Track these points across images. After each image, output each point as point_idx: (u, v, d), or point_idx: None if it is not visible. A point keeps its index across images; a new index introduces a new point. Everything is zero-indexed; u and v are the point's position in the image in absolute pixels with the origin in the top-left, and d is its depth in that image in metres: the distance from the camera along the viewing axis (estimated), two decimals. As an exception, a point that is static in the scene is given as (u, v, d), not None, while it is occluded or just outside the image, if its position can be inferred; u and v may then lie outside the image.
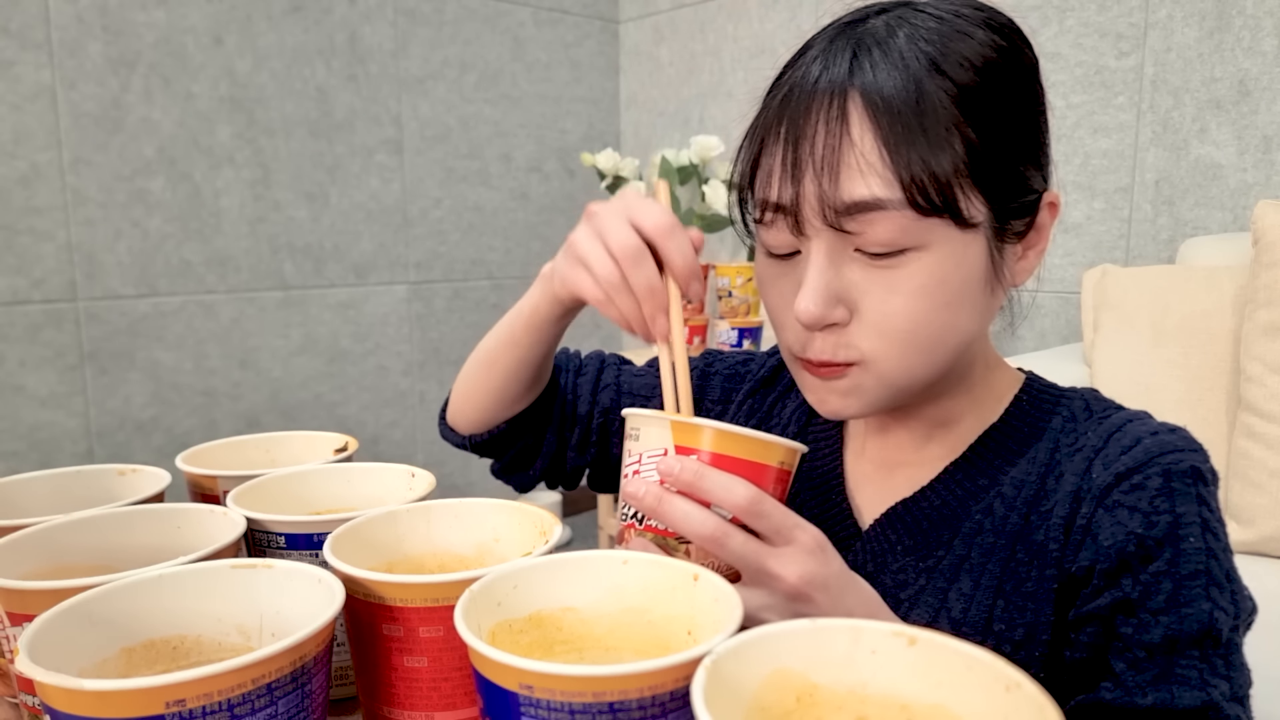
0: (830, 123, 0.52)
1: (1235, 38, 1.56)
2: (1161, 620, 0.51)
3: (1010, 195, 0.54)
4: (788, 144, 0.54)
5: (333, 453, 0.74)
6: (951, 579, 0.58)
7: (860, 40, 0.54)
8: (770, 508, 0.48)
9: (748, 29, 2.34)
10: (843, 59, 0.53)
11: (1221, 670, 0.51)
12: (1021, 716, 0.33)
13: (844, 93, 0.52)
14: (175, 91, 1.87)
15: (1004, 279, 0.57)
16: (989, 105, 0.52)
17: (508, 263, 2.47)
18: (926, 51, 0.52)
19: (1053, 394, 0.62)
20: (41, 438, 1.78)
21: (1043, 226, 0.58)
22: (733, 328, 1.93)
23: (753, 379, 0.77)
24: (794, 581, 0.47)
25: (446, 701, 0.47)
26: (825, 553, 0.50)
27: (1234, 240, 1.47)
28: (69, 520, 0.55)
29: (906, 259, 0.53)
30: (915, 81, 0.51)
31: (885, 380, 0.56)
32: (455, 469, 2.42)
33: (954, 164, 0.51)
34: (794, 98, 0.54)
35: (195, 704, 0.36)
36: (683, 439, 0.50)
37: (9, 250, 1.71)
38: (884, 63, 0.52)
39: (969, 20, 0.54)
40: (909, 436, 0.64)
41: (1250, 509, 1.25)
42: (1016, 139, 0.54)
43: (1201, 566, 0.52)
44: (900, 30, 0.53)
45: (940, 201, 0.51)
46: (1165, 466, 0.54)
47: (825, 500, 0.67)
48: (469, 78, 2.34)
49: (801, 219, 0.54)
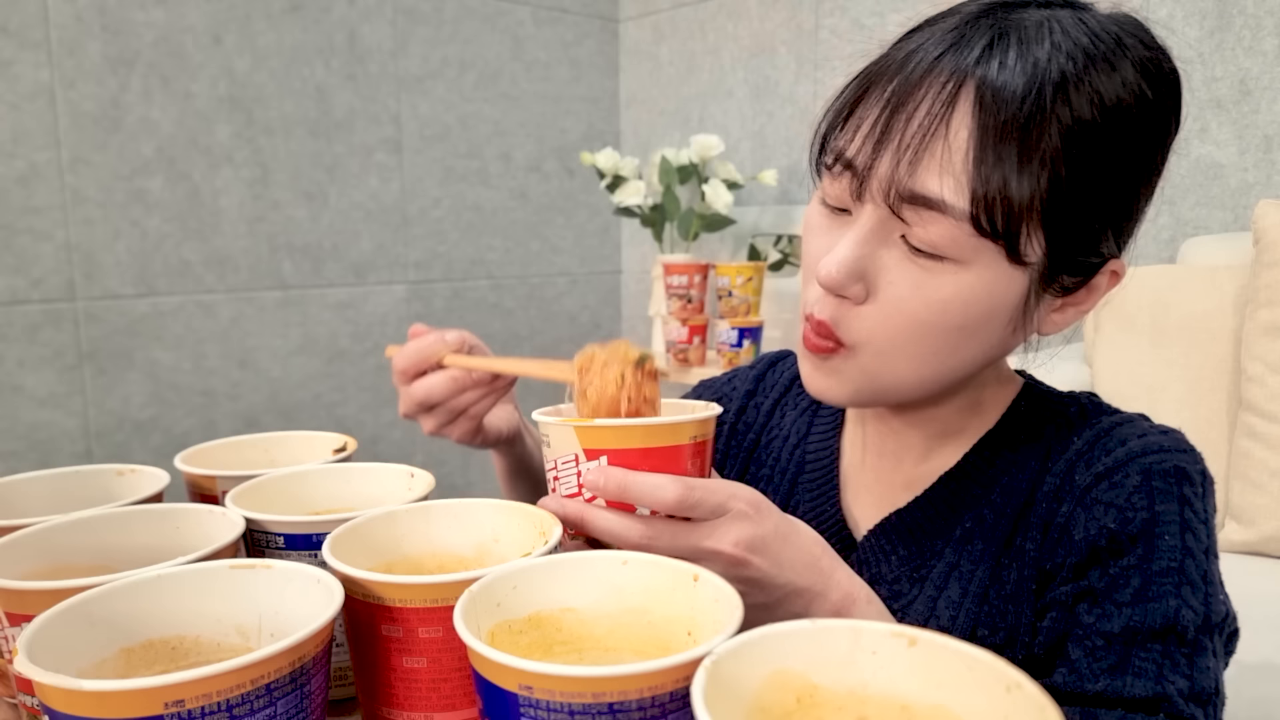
0: (936, 103, 0.49)
1: (1236, 37, 1.56)
2: (1125, 611, 0.50)
3: (1074, 249, 0.52)
4: (886, 106, 0.51)
5: (332, 453, 0.74)
6: (941, 587, 0.58)
7: (1004, 29, 0.50)
8: (700, 495, 0.47)
9: (748, 28, 2.34)
10: (978, 43, 0.50)
11: (1183, 668, 0.49)
12: (1022, 717, 0.33)
13: (962, 79, 0.49)
14: (174, 91, 1.87)
15: (1031, 323, 0.55)
16: (1095, 149, 0.49)
17: (507, 262, 2.47)
18: (1064, 68, 0.48)
19: (1050, 400, 0.62)
20: (40, 438, 1.78)
21: (1095, 290, 0.56)
22: (733, 327, 1.93)
23: (739, 394, 0.77)
24: (729, 550, 0.47)
25: (446, 702, 0.47)
26: (760, 512, 0.49)
27: (1235, 240, 1.47)
28: (68, 520, 0.55)
29: (944, 267, 0.51)
30: (1038, 92, 0.48)
31: (868, 373, 0.55)
32: (454, 469, 2.42)
33: (1032, 194, 0.49)
34: (914, 60, 0.51)
35: (194, 704, 0.36)
36: (589, 441, 0.50)
37: (7, 250, 1.71)
38: (1018, 62, 0.49)
39: (1126, 53, 0.50)
40: (908, 448, 0.63)
41: (1250, 509, 1.25)
42: (1105, 194, 0.51)
43: (1174, 564, 0.50)
44: (1050, 35, 0.49)
45: (1003, 229, 0.49)
46: (1146, 465, 0.53)
47: (820, 510, 0.66)
48: (468, 77, 2.33)
49: (866, 187, 0.52)
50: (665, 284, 2.05)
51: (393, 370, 0.63)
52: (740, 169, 2.15)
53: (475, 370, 0.62)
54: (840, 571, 0.51)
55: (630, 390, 0.51)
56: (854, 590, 0.51)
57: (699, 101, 2.48)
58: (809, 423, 0.71)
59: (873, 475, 0.66)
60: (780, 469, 0.70)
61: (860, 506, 0.65)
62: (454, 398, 0.62)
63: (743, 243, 2.29)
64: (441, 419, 0.64)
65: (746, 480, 0.73)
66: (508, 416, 0.70)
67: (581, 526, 0.49)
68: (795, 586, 0.49)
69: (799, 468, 0.70)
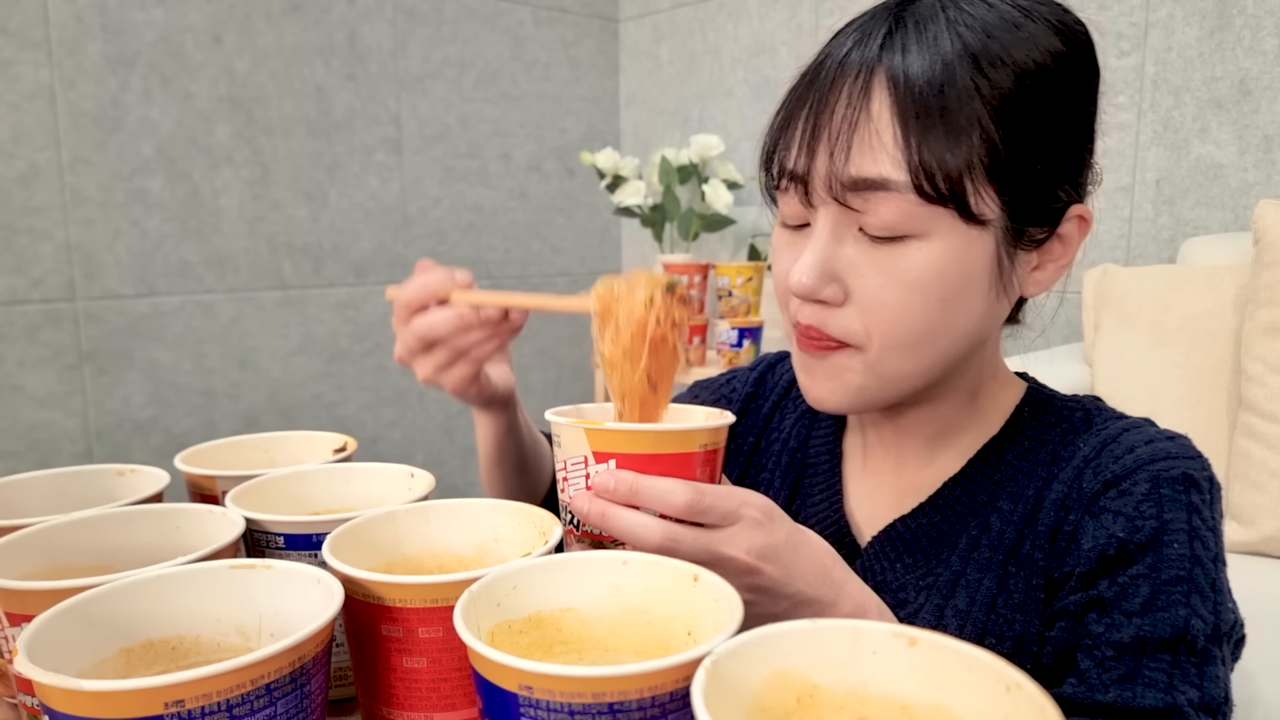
0: (853, 95, 0.52)
1: (1236, 37, 1.56)
2: (1134, 621, 0.50)
3: (1031, 199, 0.53)
4: (810, 115, 0.54)
5: (332, 453, 0.74)
6: (948, 595, 0.57)
7: (900, 18, 0.53)
8: (711, 500, 0.47)
9: (748, 28, 2.34)
10: (878, 35, 0.52)
11: (1193, 678, 0.49)
12: (1022, 717, 0.33)
13: (871, 70, 0.52)
14: (174, 91, 1.87)
15: (1011, 285, 0.55)
16: (1023, 108, 0.51)
17: (507, 262, 2.47)
18: (965, 39, 0.51)
19: (1054, 405, 0.61)
20: (40, 438, 1.78)
21: (1068, 239, 0.56)
22: (733, 327, 1.93)
23: (739, 397, 0.76)
24: (743, 557, 0.47)
25: (446, 702, 0.47)
26: (773, 520, 0.49)
27: (1235, 240, 1.47)
28: (68, 520, 0.55)
29: (907, 246, 0.52)
30: (945, 68, 0.50)
31: (872, 369, 0.55)
32: (454, 469, 2.42)
33: (969, 158, 0.50)
34: (825, 69, 0.54)
35: (194, 704, 0.36)
36: (598, 444, 0.49)
37: (7, 250, 1.71)
38: (916, 45, 0.51)
39: (1031, 16, 0.53)
40: (910, 450, 0.63)
41: (1250, 509, 1.25)
42: (1049, 146, 0.52)
43: (1184, 573, 0.50)
44: (944, 14, 0.52)
45: (947, 191, 0.50)
46: (1155, 473, 0.53)
47: (824, 516, 0.66)
48: (468, 77, 2.33)
49: (811, 189, 0.54)
50: (665, 284, 2.05)
51: (395, 307, 0.60)
52: (740, 169, 2.15)
53: (484, 306, 0.58)
54: (851, 583, 0.51)
55: (660, 312, 0.50)
56: (865, 602, 0.51)
57: (699, 101, 2.48)
58: (809, 426, 0.71)
59: (875, 479, 0.65)
60: (781, 473, 0.70)
61: (863, 511, 0.65)
62: (458, 336, 0.58)
63: (743, 243, 2.29)
64: (441, 359, 0.59)
65: (747, 484, 0.73)
66: (505, 375, 0.67)
67: (604, 525, 0.48)
68: (805, 596, 0.49)
69: (800, 471, 0.69)
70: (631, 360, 0.51)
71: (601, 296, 0.52)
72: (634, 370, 0.51)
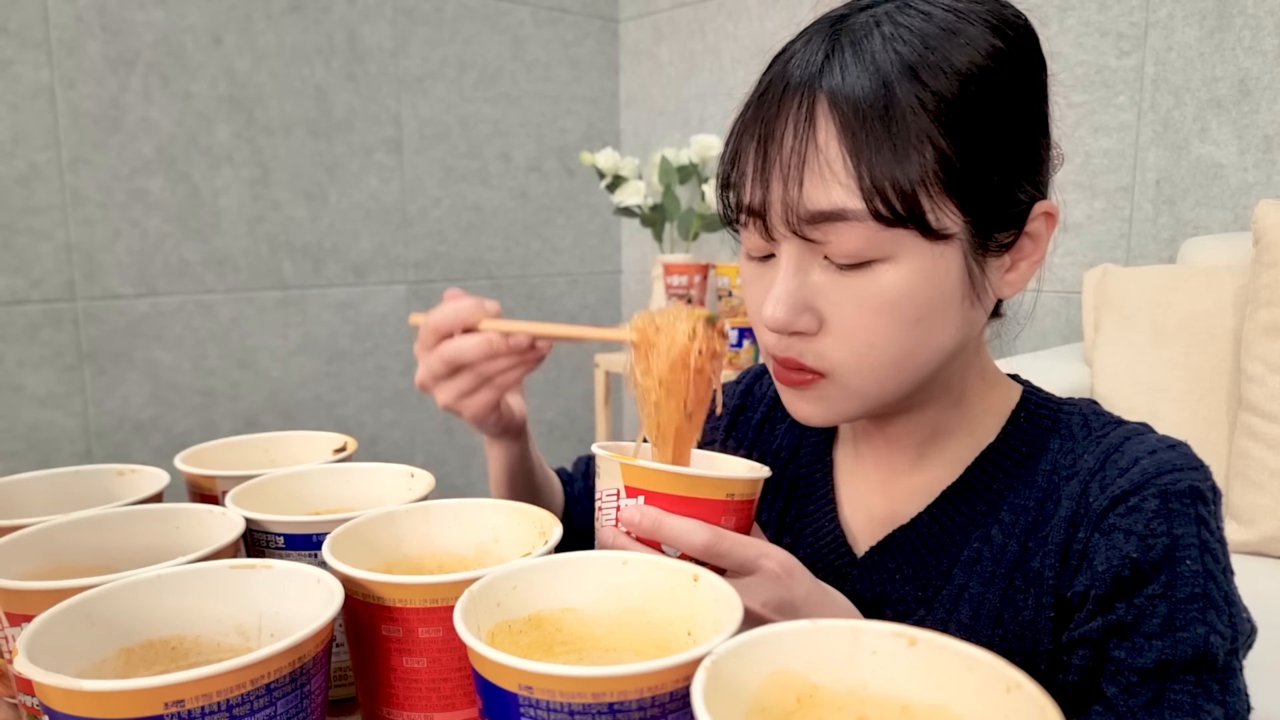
0: (799, 125, 0.51)
1: (1236, 37, 1.56)
2: (1155, 644, 0.50)
3: (992, 206, 0.52)
4: (760, 145, 0.53)
5: (332, 453, 0.74)
6: (951, 610, 0.57)
7: (837, 37, 0.52)
8: (729, 546, 0.48)
9: (748, 28, 2.34)
10: (817, 56, 0.51)
11: (1216, 695, 0.49)
12: (1022, 717, 0.33)
13: (813, 93, 0.51)
14: (174, 91, 1.87)
15: (985, 292, 0.55)
16: (970, 114, 0.50)
17: (507, 262, 2.47)
18: (902, 54, 0.50)
19: (1050, 410, 0.60)
20: (40, 438, 1.78)
21: (1036, 236, 0.55)
22: (733, 328, 1.93)
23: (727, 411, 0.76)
24: (758, 609, 0.48)
25: (446, 702, 0.47)
26: (792, 577, 0.49)
27: (1235, 240, 1.47)
28: (68, 520, 0.55)
29: (874, 270, 0.51)
30: (884, 85, 0.49)
31: (853, 393, 0.55)
32: (454, 469, 2.42)
33: (921, 174, 0.49)
34: (769, 95, 0.53)
35: (194, 704, 0.36)
36: (631, 480, 0.51)
37: (7, 250, 1.71)
38: (854, 64, 0.50)
39: (967, 19, 0.52)
40: (901, 457, 0.62)
41: (1250, 509, 1.25)
42: (1002, 149, 0.52)
43: (1199, 590, 0.50)
44: (880, 29, 0.51)
45: (904, 211, 0.49)
46: (1162, 487, 0.52)
47: (819, 527, 0.66)
48: (468, 77, 2.33)
49: (770, 225, 0.53)
50: (665, 284, 2.05)
51: (421, 332, 0.60)
52: (740, 169, 2.15)
53: (514, 334, 0.58)
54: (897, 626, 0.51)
55: (702, 343, 0.51)
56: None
57: (699, 101, 2.48)
58: (799, 437, 0.70)
59: (867, 487, 0.65)
60: (773, 485, 0.70)
61: (858, 521, 0.64)
62: (485, 362, 0.59)
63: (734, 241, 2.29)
64: (465, 385, 0.60)
65: None
66: (520, 405, 0.68)
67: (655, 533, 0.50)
68: None
69: (792, 483, 0.69)
70: (669, 390, 0.52)
71: (641, 328, 0.53)
72: (671, 401, 0.52)
